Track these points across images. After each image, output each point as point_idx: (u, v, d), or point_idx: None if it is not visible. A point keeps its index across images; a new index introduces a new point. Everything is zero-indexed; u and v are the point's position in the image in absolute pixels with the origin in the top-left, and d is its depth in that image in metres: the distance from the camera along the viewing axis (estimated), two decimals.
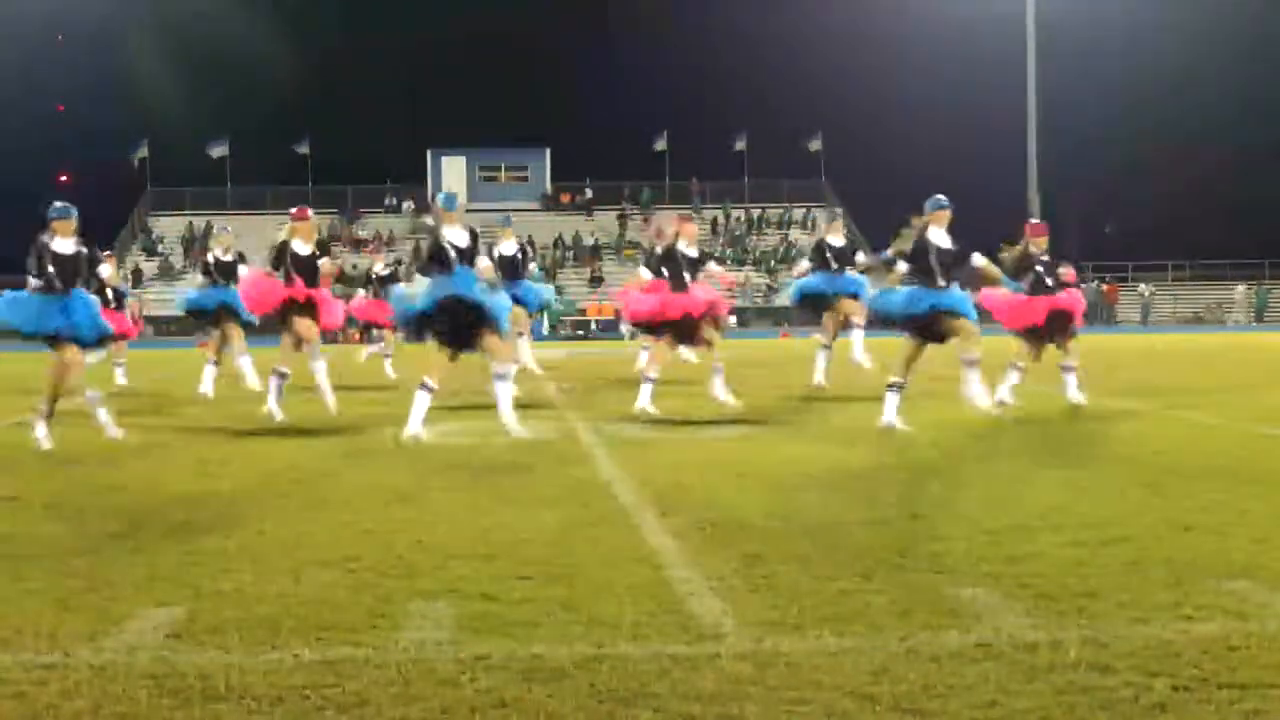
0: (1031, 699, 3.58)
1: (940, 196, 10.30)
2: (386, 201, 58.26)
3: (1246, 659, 3.90)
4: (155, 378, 19.26)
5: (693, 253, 12.01)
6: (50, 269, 9.61)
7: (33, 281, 9.66)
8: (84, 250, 9.82)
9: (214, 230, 16.07)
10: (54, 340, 9.60)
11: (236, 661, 4.00)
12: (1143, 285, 53.11)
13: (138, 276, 51.66)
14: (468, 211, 10.52)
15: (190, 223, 55.18)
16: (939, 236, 10.19)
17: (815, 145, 58.20)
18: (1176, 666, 3.83)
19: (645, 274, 11.93)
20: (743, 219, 57.61)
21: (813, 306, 14.43)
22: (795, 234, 55.70)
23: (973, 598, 4.65)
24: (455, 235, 9.80)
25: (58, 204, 9.88)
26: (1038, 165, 51.84)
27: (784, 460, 8.57)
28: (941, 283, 10.12)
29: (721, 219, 57.48)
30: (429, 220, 10.02)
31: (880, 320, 10.72)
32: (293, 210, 11.86)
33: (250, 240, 29.98)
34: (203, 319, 14.80)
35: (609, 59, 69.97)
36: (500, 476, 7.91)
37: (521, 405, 10.83)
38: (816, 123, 58.42)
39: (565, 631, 4.29)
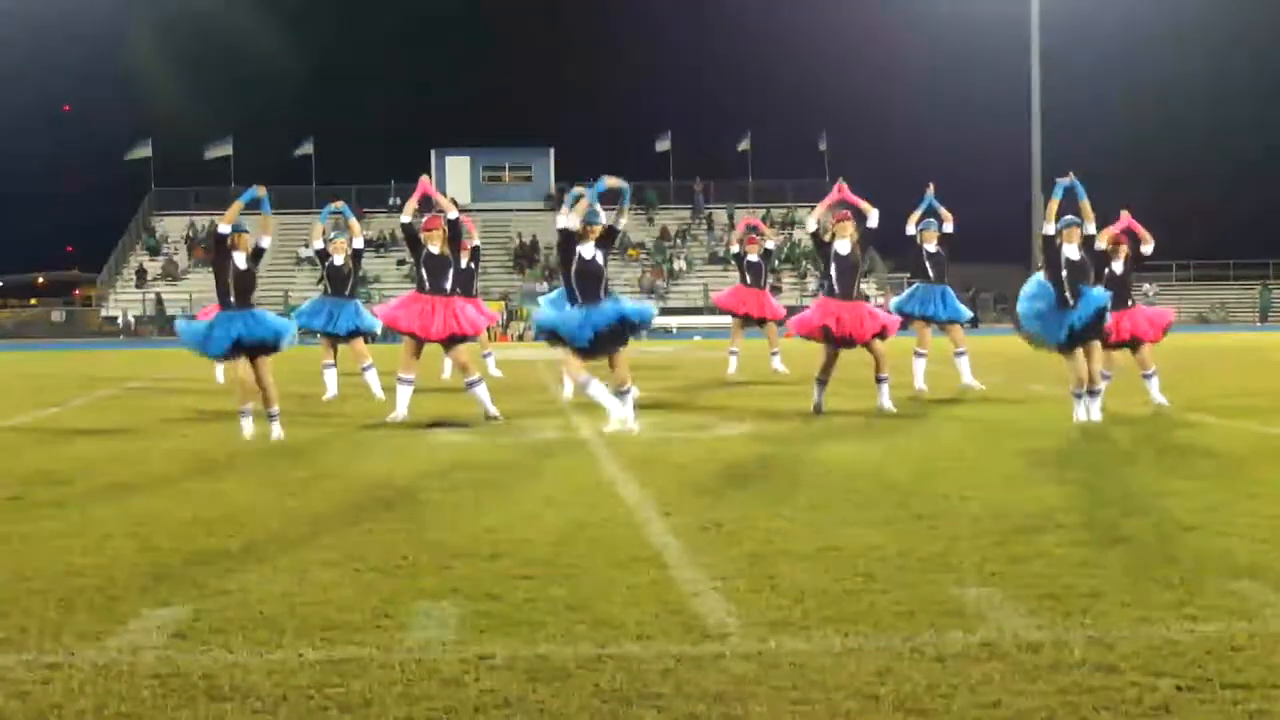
0: (1036, 699, 3.58)
1: (1070, 216, 10.49)
2: (390, 201, 58.21)
3: (1251, 659, 3.89)
4: (158, 377, 19.28)
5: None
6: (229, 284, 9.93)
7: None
8: (254, 266, 10.09)
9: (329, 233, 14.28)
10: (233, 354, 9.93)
11: (241, 661, 4.00)
12: (1147, 285, 53.01)
13: (141, 276, 51.76)
14: (472, 211, 10.69)
15: (192, 222, 55.19)
16: (1071, 250, 10.35)
17: (820, 145, 58.18)
18: (1180, 666, 3.83)
19: None
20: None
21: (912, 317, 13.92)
22: (800, 234, 55.65)
23: (977, 598, 4.65)
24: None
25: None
26: (1042, 164, 51.80)
27: (787, 460, 8.57)
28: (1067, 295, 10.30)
29: (725, 219, 57.47)
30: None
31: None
32: (423, 219, 11.47)
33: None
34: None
35: (613, 59, 70.07)
36: (504, 476, 7.91)
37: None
38: (821, 122, 58.48)
39: (569, 631, 4.29)
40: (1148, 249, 11.64)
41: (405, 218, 11.62)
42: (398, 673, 3.87)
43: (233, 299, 9.92)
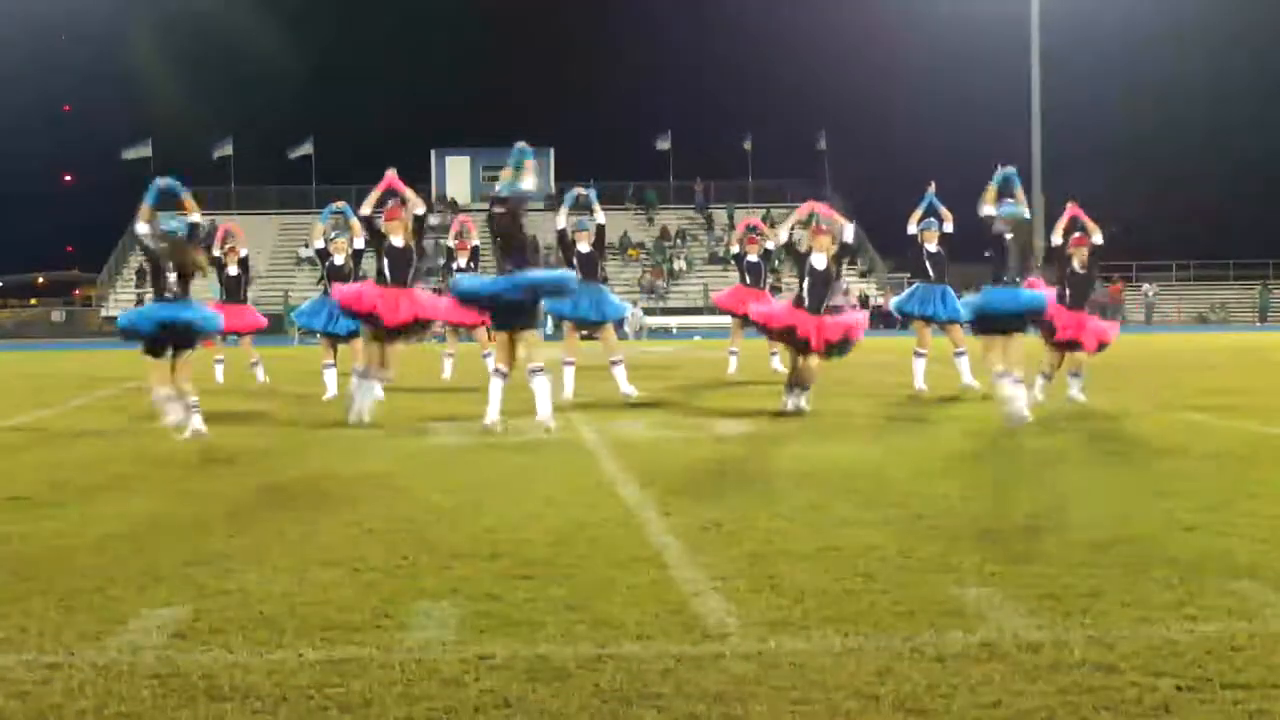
0: (1035, 699, 3.58)
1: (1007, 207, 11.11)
2: (389, 202, 58.25)
3: (1250, 659, 3.89)
4: None
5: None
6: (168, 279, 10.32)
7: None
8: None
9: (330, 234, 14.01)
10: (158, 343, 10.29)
11: (240, 661, 4.00)
12: (1147, 285, 53.08)
13: (141, 276, 51.76)
14: (472, 211, 10.77)
15: None
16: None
17: (820, 145, 58.20)
18: (1180, 666, 3.83)
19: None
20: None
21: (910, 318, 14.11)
22: (799, 234, 55.64)
23: (977, 598, 4.65)
24: None
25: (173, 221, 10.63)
26: (1042, 165, 51.82)
27: (787, 460, 8.56)
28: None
29: (725, 219, 57.48)
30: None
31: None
32: (386, 207, 11.47)
33: (254, 240, 29.83)
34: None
35: (613, 59, 70.09)
36: (504, 476, 7.91)
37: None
38: (820, 122, 58.52)
39: (569, 631, 4.29)
40: (1097, 239, 11.85)
41: (365, 210, 11.55)
42: (398, 673, 3.87)
43: (166, 294, 10.22)
